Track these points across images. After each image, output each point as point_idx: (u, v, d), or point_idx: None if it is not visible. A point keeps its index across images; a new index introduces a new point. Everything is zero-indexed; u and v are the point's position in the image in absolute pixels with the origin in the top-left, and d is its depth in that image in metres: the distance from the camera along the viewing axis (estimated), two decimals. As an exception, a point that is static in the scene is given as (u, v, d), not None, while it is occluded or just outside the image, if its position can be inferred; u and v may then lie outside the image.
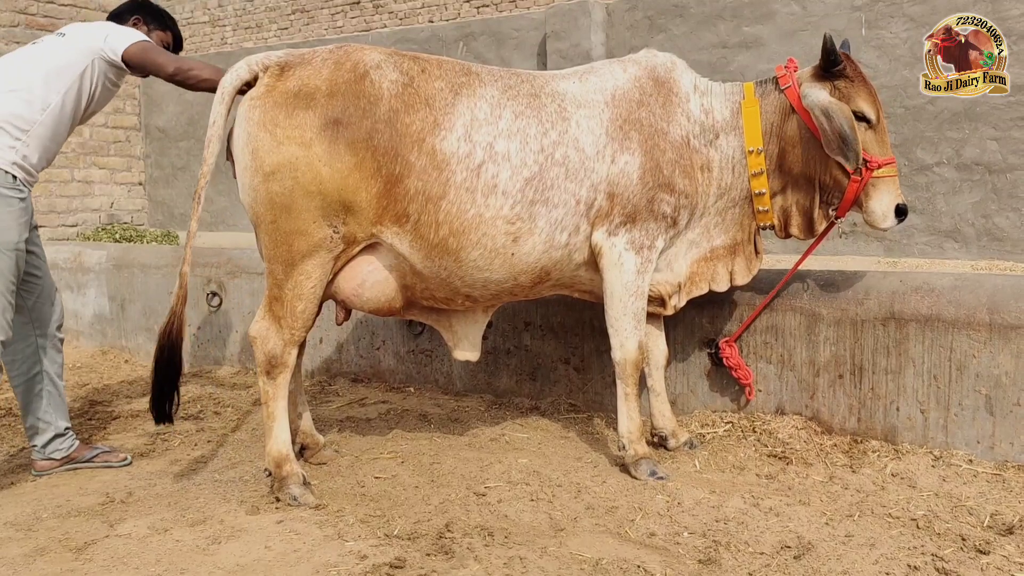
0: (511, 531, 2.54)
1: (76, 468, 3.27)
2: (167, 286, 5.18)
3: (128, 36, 3.19)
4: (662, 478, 2.93)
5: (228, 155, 2.93)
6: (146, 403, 4.23)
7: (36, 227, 3.24)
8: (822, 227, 3.16)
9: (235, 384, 4.58)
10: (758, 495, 2.76)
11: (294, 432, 3.16)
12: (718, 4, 6.06)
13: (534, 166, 2.85)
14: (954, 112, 5.32)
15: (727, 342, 3.42)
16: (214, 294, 4.95)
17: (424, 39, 7.25)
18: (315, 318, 2.95)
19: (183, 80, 3.15)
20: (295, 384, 3.14)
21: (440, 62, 2.95)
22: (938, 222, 5.42)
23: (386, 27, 8.98)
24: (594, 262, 3.01)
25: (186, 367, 5.07)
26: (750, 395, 3.43)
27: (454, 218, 2.80)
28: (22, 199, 2.98)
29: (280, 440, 2.89)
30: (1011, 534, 2.47)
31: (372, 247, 2.92)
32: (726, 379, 3.51)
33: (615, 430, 3.25)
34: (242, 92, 2.86)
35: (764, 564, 2.32)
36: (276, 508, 2.75)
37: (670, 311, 3.22)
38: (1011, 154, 5.17)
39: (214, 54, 8.81)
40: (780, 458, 3.12)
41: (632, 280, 2.96)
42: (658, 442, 3.32)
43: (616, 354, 3.03)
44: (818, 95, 2.93)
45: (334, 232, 2.79)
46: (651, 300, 3.15)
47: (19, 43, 7.23)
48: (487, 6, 8.44)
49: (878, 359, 3.20)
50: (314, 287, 2.83)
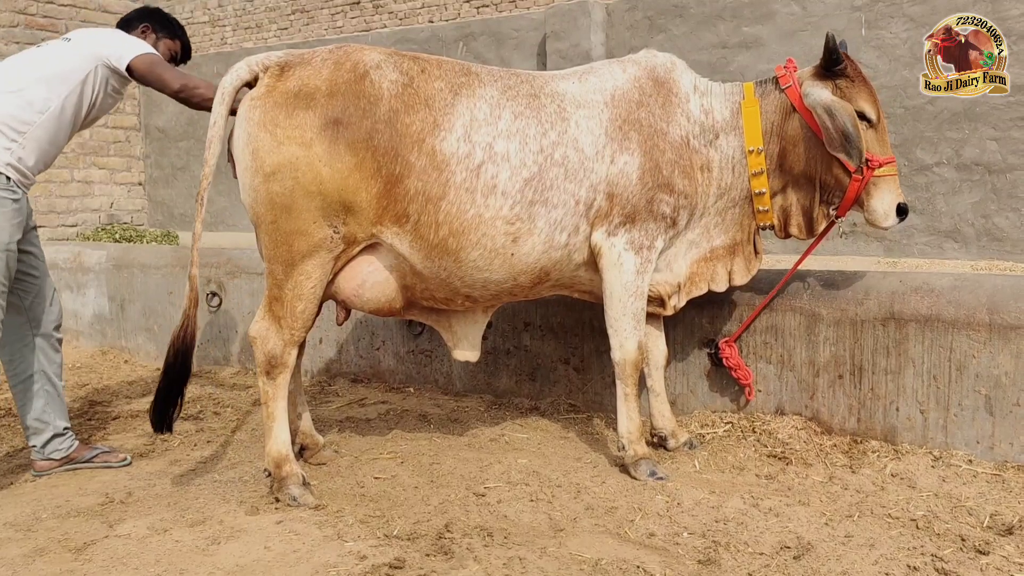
0: (511, 531, 2.53)
1: (75, 468, 3.26)
2: (167, 286, 5.18)
3: (135, 47, 3.17)
4: (662, 478, 2.93)
5: (228, 156, 2.93)
6: (146, 403, 4.26)
7: (35, 227, 3.23)
8: (822, 227, 3.16)
9: (235, 384, 4.57)
10: (758, 495, 2.76)
11: (294, 432, 3.16)
12: (718, 4, 6.06)
13: (533, 166, 2.85)
14: (954, 112, 5.33)
15: (727, 342, 3.42)
16: (214, 294, 4.95)
17: (424, 39, 7.25)
18: (315, 318, 2.95)
19: (187, 98, 3.14)
20: (295, 384, 3.14)
21: (440, 62, 2.95)
22: (938, 222, 5.42)
23: (386, 27, 8.98)
24: (594, 262, 3.01)
25: (186, 367, 5.07)
26: (750, 395, 3.43)
27: (454, 218, 2.80)
28: (15, 200, 2.97)
29: (280, 440, 2.89)
30: (1011, 534, 2.47)
31: (372, 247, 2.92)
32: (726, 379, 3.51)
33: (615, 430, 3.25)
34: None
35: (764, 564, 2.32)
36: (276, 508, 2.75)
37: (670, 311, 3.22)
38: (1011, 154, 5.17)
39: (214, 54, 8.81)
40: (780, 458, 3.12)
41: (631, 280, 2.96)
42: (658, 442, 3.32)
43: (616, 354, 3.03)
44: (820, 94, 2.94)
45: (334, 232, 2.79)
46: (651, 300, 3.15)
47: (19, 43, 7.23)
48: (487, 6, 8.44)
49: (878, 359, 3.20)
50: (314, 287, 2.83)
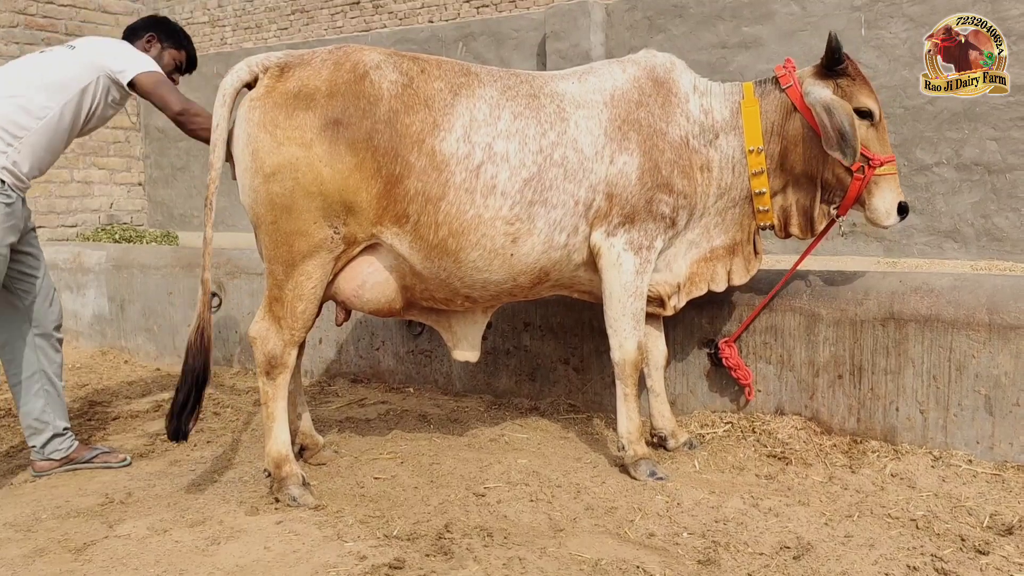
0: (510, 531, 2.54)
1: (75, 469, 3.26)
2: (167, 287, 5.18)
3: (140, 63, 3.15)
4: (661, 478, 2.93)
5: (227, 156, 2.93)
6: (146, 404, 4.27)
7: (33, 228, 3.23)
8: (822, 226, 3.17)
9: (235, 385, 4.57)
10: (757, 495, 2.76)
11: (293, 433, 3.16)
12: (717, 4, 6.06)
13: (533, 167, 2.85)
14: (953, 112, 5.33)
15: (726, 342, 3.42)
16: (214, 295, 4.94)
17: (424, 39, 7.25)
18: (315, 319, 2.95)
19: (185, 123, 3.12)
20: (295, 385, 3.14)
21: (439, 62, 2.94)
22: (937, 222, 5.42)
23: (386, 27, 8.97)
24: (593, 263, 3.01)
25: (186, 367, 5.07)
26: (749, 395, 3.43)
27: (453, 219, 2.80)
28: (8, 204, 2.96)
29: (280, 441, 2.89)
30: (1010, 534, 2.47)
31: (372, 248, 2.92)
32: (725, 379, 3.51)
33: (614, 430, 3.25)
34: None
35: (763, 564, 2.32)
36: (275, 509, 2.75)
37: (669, 311, 3.22)
38: (1010, 154, 5.17)
39: (214, 54, 8.81)
40: (779, 458, 3.12)
41: (631, 280, 2.96)
42: (657, 442, 3.32)
43: (615, 354, 3.03)
44: (821, 92, 2.94)
45: (335, 233, 2.79)
46: (650, 300, 3.15)
47: (18, 43, 7.23)
48: (487, 6, 8.43)
49: (877, 359, 3.21)
50: (314, 288, 2.83)
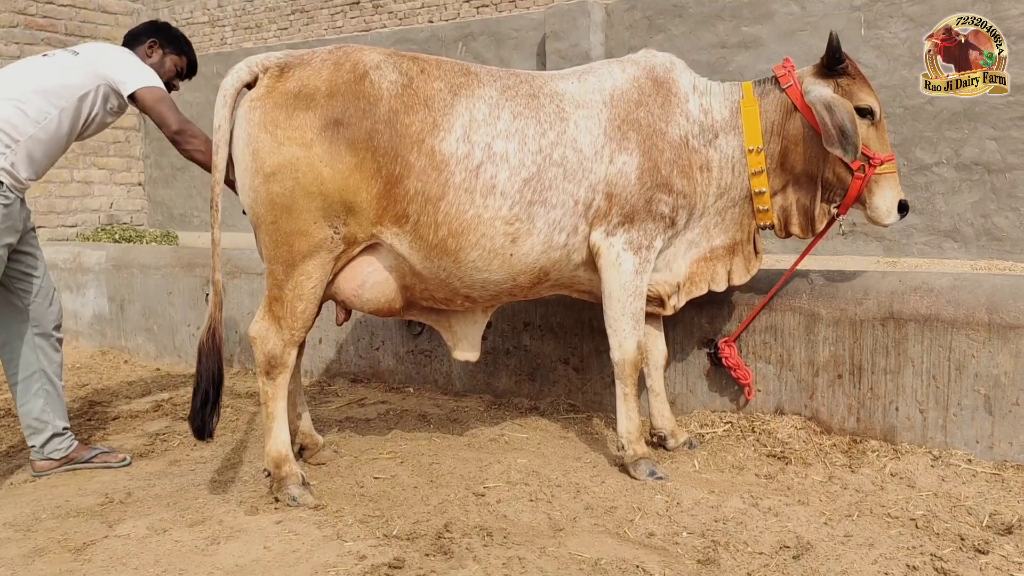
0: (510, 531, 2.54)
1: (75, 468, 3.27)
2: (166, 286, 5.18)
3: (143, 77, 3.14)
4: (661, 478, 2.93)
5: None
6: (145, 403, 4.27)
7: (33, 228, 3.24)
8: (823, 225, 3.17)
9: (235, 385, 4.57)
10: (757, 495, 2.77)
11: (293, 432, 3.16)
12: (717, 4, 6.06)
13: (532, 167, 2.85)
14: (953, 112, 5.33)
15: (726, 342, 3.42)
16: (213, 294, 4.94)
17: (423, 39, 7.25)
18: (315, 318, 2.95)
19: (181, 143, 3.10)
20: (294, 384, 3.15)
21: (439, 62, 2.95)
22: (937, 222, 5.42)
23: (385, 27, 8.97)
24: (593, 262, 3.01)
25: (185, 368, 5.08)
26: (749, 395, 3.44)
27: (453, 219, 2.80)
28: (6, 205, 2.96)
29: (279, 440, 2.89)
30: (1010, 534, 2.47)
31: (372, 248, 2.92)
32: (725, 379, 3.52)
33: (614, 430, 3.25)
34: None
35: (763, 564, 2.32)
36: (275, 508, 2.75)
37: (669, 311, 3.22)
38: (1010, 154, 5.17)
39: (214, 54, 8.81)
40: (779, 458, 3.12)
41: (630, 280, 2.96)
42: (657, 442, 3.32)
43: (615, 354, 3.03)
44: (822, 91, 2.95)
45: (335, 233, 2.79)
46: (650, 300, 3.15)
47: (18, 43, 7.23)
48: (486, 6, 8.43)
49: (877, 359, 3.21)
50: (314, 287, 2.84)
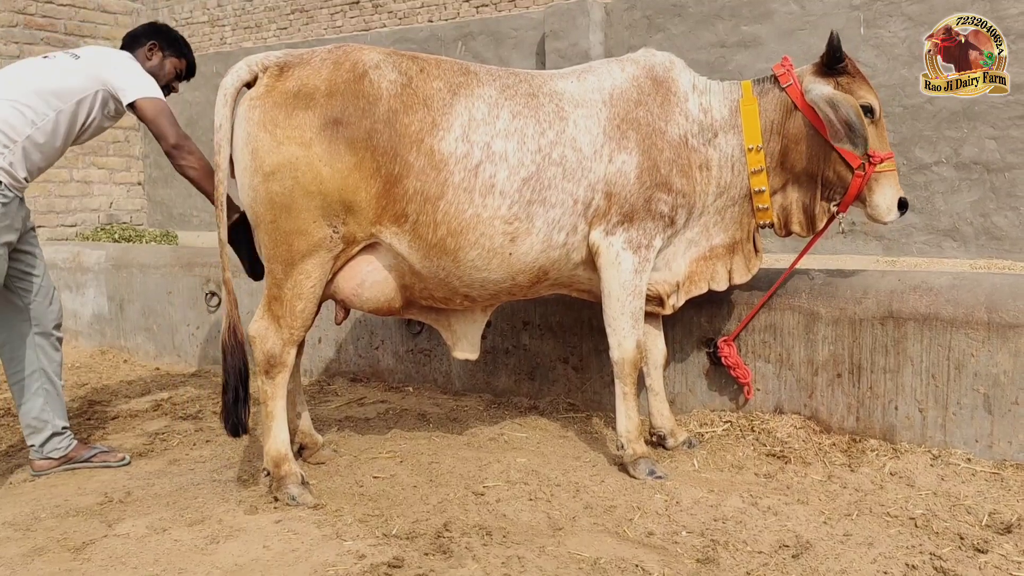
0: (509, 530, 2.54)
1: (74, 468, 3.27)
2: (166, 286, 5.18)
3: (144, 86, 3.14)
4: (660, 477, 2.93)
5: None
6: (145, 403, 4.27)
7: (33, 228, 3.24)
8: (822, 223, 3.17)
9: (234, 384, 4.57)
10: (756, 494, 2.77)
11: (293, 432, 3.16)
12: (716, 3, 6.05)
13: (531, 166, 2.85)
14: (953, 111, 5.33)
15: (725, 341, 3.42)
16: (213, 294, 4.94)
17: (423, 39, 7.25)
18: (314, 318, 2.95)
19: (176, 158, 3.11)
20: (294, 384, 3.15)
21: (438, 62, 2.95)
22: (937, 221, 5.42)
23: (385, 27, 8.97)
24: (592, 261, 3.01)
25: (185, 367, 5.08)
26: (748, 394, 3.44)
27: (452, 218, 2.80)
28: (5, 203, 2.97)
29: (279, 440, 2.89)
30: (1009, 533, 2.47)
31: (371, 247, 2.92)
32: (725, 378, 3.51)
33: (614, 429, 3.25)
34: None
35: (762, 563, 2.32)
36: (274, 508, 2.75)
37: (669, 310, 3.22)
38: (1009, 153, 5.17)
39: (213, 54, 8.80)
40: (778, 457, 3.12)
41: (630, 279, 2.96)
42: (656, 441, 3.32)
43: (614, 353, 3.03)
44: (823, 89, 2.95)
45: (334, 232, 2.79)
46: (650, 299, 3.15)
47: (17, 43, 7.23)
48: (486, 6, 8.43)
49: (876, 358, 3.21)
50: (313, 286, 2.84)
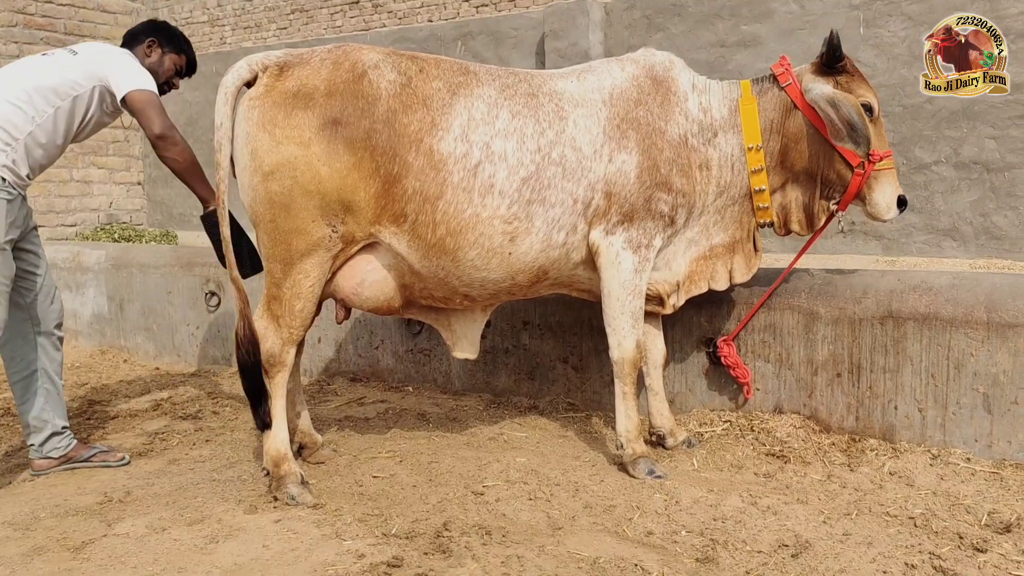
0: (509, 530, 2.54)
1: (74, 467, 3.27)
2: (166, 286, 5.18)
3: (136, 79, 3.13)
4: (660, 477, 2.93)
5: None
6: (144, 402, 4.27)
7: (35, 227, 3.24)
8: (822, 221, 3.18)
9: (234, 384, 4.57)
10: (756, 494, 2.77)
11: (292, 431, 3.16)
12: (716, 3, 6.05)
13: (531, 166, 2.85)
14: (952, 111, 5.33)
15: (725, 341, 3.42)
16: (213, 294, 4.95)
17: (423, 38, 7.25)
18: (314, 317, 2.95)
19: (161, 148, 3.10)
20: (293, 383, 3.15)
21: (438, 62, 2.95)
22: (936, 221, 5.42)
23: (385, 27, 8.97)
24: (592, 261, 3.01)
25: (184, 367, 5.08)
26: (748, 394, 3.44)
27: (451, 218, 2.80)
28: (9, 200, 2.98)
29: (278, 439, 2.89)
30: (1008, 532, 2.47)
31: (371, 246, 2.92)
32: (724, 378, 3.52)
33: (613, 429, 3.25)
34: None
35: (762, 563, 2.32)
36: (274, 507, 2.75)
37: (669, 310, 3.22)
38: (1009, 153, 5.17)
39: (213, 53, 8.80)
40: (778, 457, 3.12)
41: (629, 279, 2.96)
42: (656, 441, 3.32)
43: (614, 353, 3.03)
44: (823, 88, 2.95)
45: (332, 231, 2.79)
46: (650, 299, 3.16)
47: (17, 43, 7.23)
48: (486, 5, 8.43)
49: (876, 358, 3.21)
50: (312, 286, 2.84)
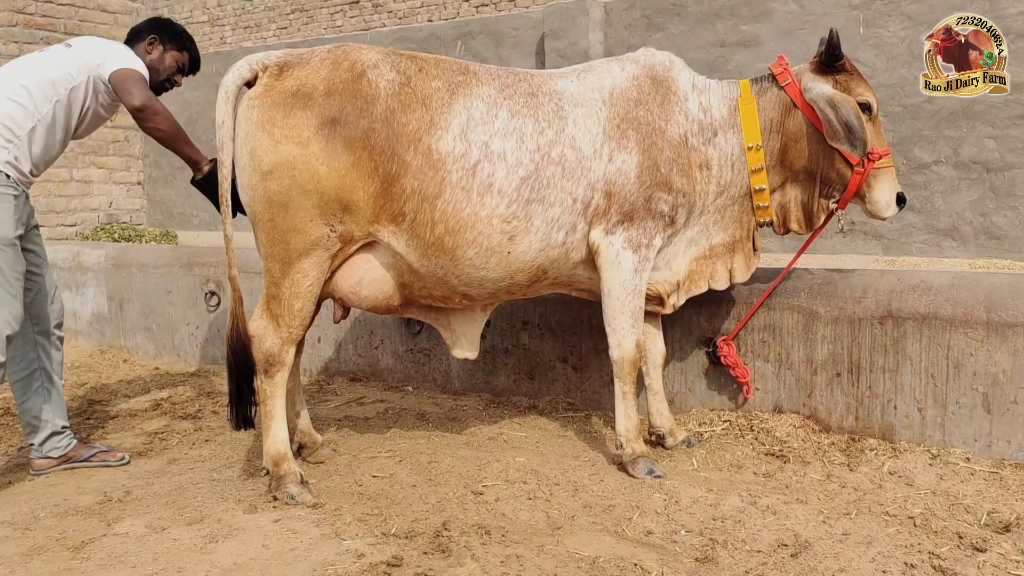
0: (508, 529, 2.54)
1: (74, 467, 3.26)
2: (165, 286, 5.18)
3: (122, 60, 3.13)
4: (659, 476, 2.93)
5: None
6: (144, 402, 4.27)
7: (36, 226, 3.24)
8: (821, 220, 3.18)
9: (233, 383, 4.57)
10: (755, 493, 2.77)
11: (292, 431, 3.16)
12: (716, 3, 6.05)
13: (530, 165, 2.85)
14: (952, 111, 5.32)
15: (725, 341, 3.42)
16: (212, 293, 4.94)
17: (423, 38, 7.25)
18: (313, 317, 2.95)
19: (143, 119, 3.08)
20: (293, 383, 3.15)
21: (437, 61, 2.95)
22: (936, 220, 5.42)
23: (385, 26, 8.97)
24: (592, 261, 3.01)
25: (184, 367, 5.08)
26: (748, 394, 3.43)
27: (450, 217, 2.80)
28: (15, 196, 2.99)
29: (278, 439, 2.89)
30: (1008, 532, 2.47)
31: (370, 245, 2.92)
32: (724, 378, 3.51)
33: (613, 429, 3.25)
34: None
35: (761, 562, 2.32)
36: (274, 507, 2.75)
37: (669, 310, 3.22)
38: (1009, 152, 5.17)
39: (213, 53, 8.80)
40: (778, 456, 3.12)
41: (629, 279, 2.96)
42: (656, 441, 3.32)
43: (614, 353, 3.03)
44: (823, 88, 2.95)
45: (331, 231, 2.79)
46: (650, 299, 3.16)
47: (17, 42, 7.23)
48: (486, 5, 8.43)
49: (876, 357, 3.21)
50: (311, 285, 2.84)
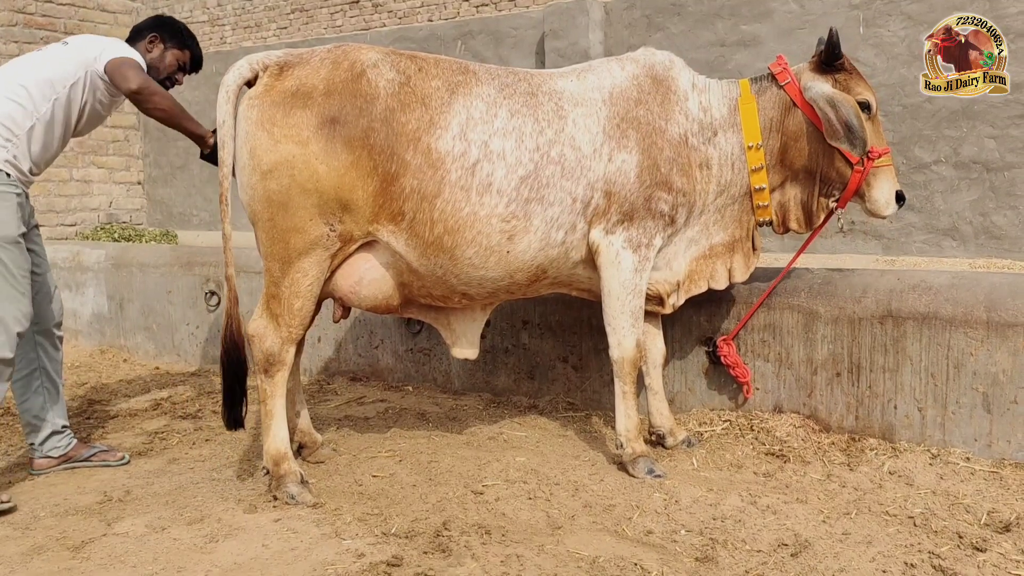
0: (508, 529, 2.54)
1: (74, 467, 3.26)
2: (165, 285, 5.18)
3: (116, 51, 3.13)
4: (659, 476, 2.93)
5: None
6: (144, 402, 4.27)
7: (36, 226, 3.24)
8: (820, 219, 3.18)
9: (233, 383, 4.57)
10: (756, 493, 2.77)
11: (292, 431, 3.16)
12: (716, 3, 6.05)
13: (529, 164, 2.85)
14: (952, 110, 5.33)
15: (725, 340, 3.42)
16: (212, 293, 4.95)
17: (423, 38, 7.25)
18: (313, 316, 2.95)
19: (142, 101, 3.07)
20: (293, 383, 3.15)
21: (437, 61, 2.95)
22: (936, 220, 5.42)
23: (385, 26, 8.97)
24: (592, 260, 3.01)
25: (184, 367, 5.08)
26: (748, 393, 3.43)
27: (449, 216, 2.80)
28: (17, 195, 2.99)
29: (278, 438, 2.89)
30: (1008, 532, 2.47)
31: (369, 245, 2.92)
32: (724, 377, 3.51)
33: (613, 428, 3.25)
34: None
35: (761, 562, 2.32)
36: (274, 507, 2.75)
37: (669, 310, 3.22)
38: (1009, 152, 5.17)
39: (213, 53, 8.80)
40: (778, 456, 3.12)
41: (629, 278, 2.96)
42: (656, 440, 3.32)
43: (614, 352, 3.03)
44: (822, 87, 2.96)
45: (330, 230, 2.79)
46: (650, 299, 3.16)
47: (17, 42, 7.23)
48: (486, 5, 8.43)
49: (876, 357, 3.21)
50: (311, 285, 2.84)
